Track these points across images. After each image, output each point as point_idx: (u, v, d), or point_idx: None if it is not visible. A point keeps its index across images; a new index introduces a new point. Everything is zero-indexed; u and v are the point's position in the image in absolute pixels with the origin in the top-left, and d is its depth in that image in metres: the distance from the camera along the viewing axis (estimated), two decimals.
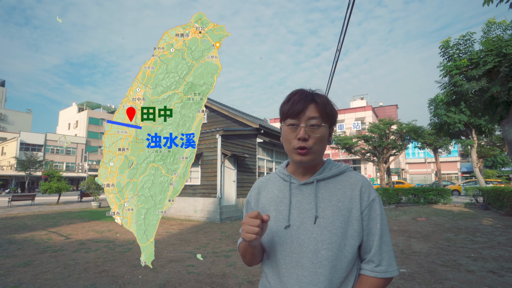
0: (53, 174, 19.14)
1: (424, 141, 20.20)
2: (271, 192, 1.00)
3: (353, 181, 0.94)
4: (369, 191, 0.92)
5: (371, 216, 0.90)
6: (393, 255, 0.91)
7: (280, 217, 0.94)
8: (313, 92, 0.94)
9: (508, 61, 7.67)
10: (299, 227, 0.90)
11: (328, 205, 0.90)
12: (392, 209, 13.56)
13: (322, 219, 0.89)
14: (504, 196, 11.43)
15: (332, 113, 0.94)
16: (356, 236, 0.88)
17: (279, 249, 0.91)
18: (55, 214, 12.50)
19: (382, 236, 0.90)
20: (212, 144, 10.68)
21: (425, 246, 5.90)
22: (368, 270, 0.89)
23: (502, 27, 8.28)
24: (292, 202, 0.94)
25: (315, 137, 0.90)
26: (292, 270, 0.88)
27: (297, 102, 0.90)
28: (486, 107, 8.68)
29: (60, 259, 5.14)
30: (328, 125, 0.93)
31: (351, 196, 0.91)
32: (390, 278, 0.89)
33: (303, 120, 0.90)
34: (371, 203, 0.91)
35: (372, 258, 0.89)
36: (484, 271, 4.29)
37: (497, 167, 40.53)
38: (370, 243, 0.90)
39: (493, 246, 5.85)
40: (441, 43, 9.26)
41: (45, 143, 44.65)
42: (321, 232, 0.87)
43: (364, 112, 40.37)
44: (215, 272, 4.37)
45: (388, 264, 0.89)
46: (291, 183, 0.97)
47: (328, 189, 0.93)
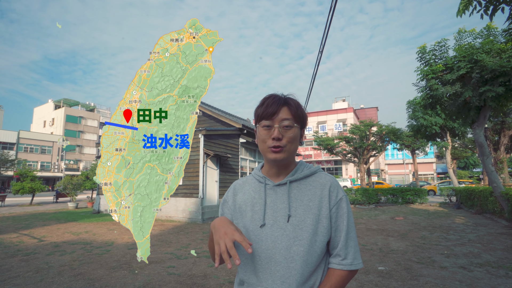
0: (26, 173, 18.26)
1: (402, 142, 20.91)
2: (247, 193, 1.06)
3: (322, 182, 1.00)
4: (337, 190, 0.99)
5: (339, 214, 0.97)
6: (358, 250, 0.98)
7: (255, 217, 0.99)
8: (286, 96, 1.02)
9: (479, 67, 8.10)
10: (273, 225, 0.96)
11: (300, 204, 0.97)
12: (372, 208, 13.94)
13: (294, 218, 0.95)
14: (475, 195, 12.04)
15: (303, 116, 1.01)
16: (325, 233, 0.95)
17: (254, 247, 0.96)
18: (28, 216, 11.91)
19: (348, 232, 0.97)
20: (195, 143, 10.56)
21: (402, 244, 6.11)
22: (335, 263, 0.95)
23: (473, 35, 8.73)
24: (267, 203, 1.00)
25: (288, 137, 0.96)
26: (266, 265, 0.93)
27: (271, 105, 0.97)
28: (460, 111, 9.11)
29: (32, 262, 4.90)
30: (300, 127, 1.00)
31: (321, 196, 0.98)
32: (355, 270, 0.96)
33: (277, 121, 0.96)
34: (338, 202, 0.98)
35: (339, 252, 0.95)
36: (455, 267, 4.50)
37: (469, 168, 42.62)
38: (338, 239, 0.96)
39: (464, 243, 6.14)
40: (418, 48, 9.63)
41: (18, 141, 42.51)
42: (294, 230, 0.94)
43: (346, 113, 41.26)
44: (196, 273, 4.32)
45: (353, 257, 0.95)
46: (266, 184, 1.03)
47: (300, 190, 1.00)
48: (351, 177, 36.42)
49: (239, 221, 1.03)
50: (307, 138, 40.97)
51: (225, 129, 11.93)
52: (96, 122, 53.46)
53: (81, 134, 50.90)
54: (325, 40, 5.07)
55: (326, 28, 4.66)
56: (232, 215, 1.07)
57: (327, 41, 15.00)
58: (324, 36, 4.99)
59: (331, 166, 40.60)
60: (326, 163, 40.57)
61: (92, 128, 52.74)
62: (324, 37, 5.02)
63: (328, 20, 4.47)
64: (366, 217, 10.73)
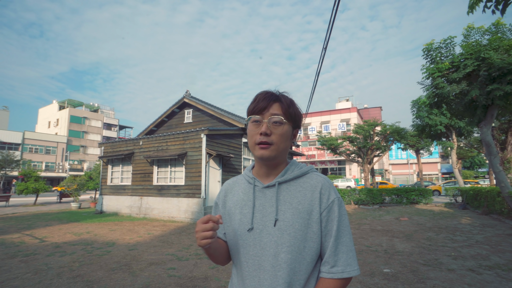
0: (30, 174, 18.33)
1: (406, 142, 20.70)
2: (237, 195, 1.01)
3: (314, 183, 0.93)
4: (329, 192, 0.92)
5: (330, 218, 0.90)
6: (353, 255, 0.90)
7: (244, 220, 0.94)
8: (279, 93, 0.96)
9: (486, 65, 7.92)
10: (262, 231, 0.91)
11: (288, 207, 0.90)
12: (376, 209, 13.77)
13: (282, 222, 0.89)
14: (481, 196, 11.83)
15: (296, 114, 0.96)
16: (315, 239, 0.89)
17: (242, 252, 0.92)
18: (31, 216, 11.93)
19: (339, 237, 0.89)
20: (197, 143, 10.49)
21: (407, 246, 5.97)
22: (324, 271, 0.89)
23: (480, 32, 8.55)
24: (256, 205, 0.94)
25: (277, 134, 0.91)
26: (254, 273, 0.89)
27: (261, 100, 0.93)
28: (466, 109, 8.94)
29: (31, 263, 4.85)
30: (292, 125, 0.95)
31: (311, 198, 0.91)
32: (348, 278, 0.88)
33: (266, 117, 0.91)
34: (330, 204, 0.90)
35: (328, 259, 0.88)
36: (463, 270, 4.36)
37: (474, 168, 42.16)
38: (327, 245, 0.89)
39: (472, 245, 5.99)
40: (425, 45, 9.46)
41: (23, 142, 42.85)
42: (281, 235, 0.88)
43: (349, 113, 41.03)
44: (197, 275, 4.23)
45: (345, 264, 0.87)
46: (255, 185, 0.97)
47: (290, 192, 0.93)
48: (355, 177, 36.19)
49: (229, 224, 0.98)
50: (311, 138, 40.82)
51: (228, 128, 11.85)
52: (100, 123, 53.74)
53: (85, 135, 51.18)
54: (329, 35, 4.96)
55: (331, 16, 4.55)
56: (223, 218, 1.01)
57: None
58: (328, 31, 4.89)
59: (335, 166, 40.39)
60: (329, 163, 40.35)
61: (96, 128, 53.01)
62: (328, 32, 4.91)
63: (332, 16, 4.37)
64: (370, 217, 10.58)
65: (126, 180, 12.58)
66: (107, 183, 13.12)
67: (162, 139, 11.60)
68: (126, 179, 12.59)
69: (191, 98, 14.58)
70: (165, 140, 11.48)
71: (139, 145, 12.27)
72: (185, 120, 14.92)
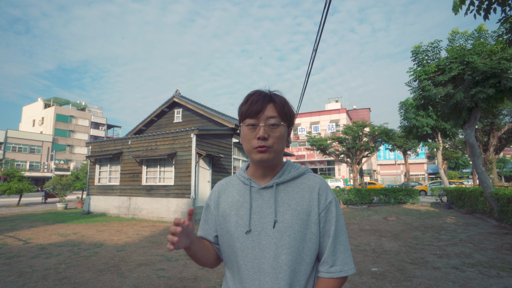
0: (14, 173, 17.78)
1: (394, 143, 21.10)
2: (232, 196, 0.98)
3: (311, 184, 0.94)
4: (327, 193, 0.93)
5: (328, 218, 0.91)
6: (349, 254, 0.92)
7: (240, 222, 0.92)
8: (271, 93, 0.95)
9: (471, 69, 8.17)
10: (260, 233, 0.89)
11: (287, 209, 0.90)
12: (365, 209, 13.99)
13: (281, 224, 0.88)
14: (465, 195, 12.19)
15: (290, 113, 0.95)
16: (314, 239, 0.89)
17: (240, 255, 0.90)
18: (14, 217, 11.58)
19: (337, 237, 0.90)
20: (187, 143, 10.42)
21: (395, 245, 6.10)
22: (323, 271, 0.90)
23: (465, 37, 8.80)
24: (253, 207, 0.93)
25: (275, 136, 0.90)
26: (254, 275, 0.87)
27: (255, 102, 0.90)
28: (452, 112, 9.19)
29: (15, 266, 4.72)
30: (287, 125, 0.94)
31: (310, 199, 0.91)
32: (346, 276, 0.90)
33: (262, 120, 0.90)
34: (328, 205, 0.91)
35: (326, 259, 0.89)
36: (448, 268, 4.49)
37: (459, 169, 43.34)
38: (325, 245, 0.90)
39: (456, 243, 6.17)
40: (413, 48, 9.66)
41: (6, 141, 41.53)
42: (281, 237, 0.87)
43: (339, 114, 41.50)
44: (186, 276, 4.21)
45: (343, 263, 0.89)
46: (251, 187, 0.96)
47: (288, 193, 0.93)
48: (344, 178, 36.63)
49: (223, 226, 0.95)
50: (300, 139, 41.08)
51: (218, 128, 11.81)
52: (87, 122, 52.60)
53: (72, 134, 49.98)
54: (320, 37, 5.02)
55: (322, 20, 4.61)
56: (216, 220, 0.99)
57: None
58: (318, 34, 4.94)
59: (324, 167, 40.77)
60: (319, 163, 40.71)
61: (83, 127, 51.86)
62: (318, 34, 4.97)
63: (323, 17, 4.42)
64: (359, 217, 10.74)
65: (115, 180, 12.37)
66: (95, 183, 12.87)
67: (151, 139, 11.46)
68: (115, 179, 12.38)
69: (181, 98, 14.45)
70: (155, 139, 11.35)
71: (128, 145, 12.09)
72: (174, 120, 14.78)
